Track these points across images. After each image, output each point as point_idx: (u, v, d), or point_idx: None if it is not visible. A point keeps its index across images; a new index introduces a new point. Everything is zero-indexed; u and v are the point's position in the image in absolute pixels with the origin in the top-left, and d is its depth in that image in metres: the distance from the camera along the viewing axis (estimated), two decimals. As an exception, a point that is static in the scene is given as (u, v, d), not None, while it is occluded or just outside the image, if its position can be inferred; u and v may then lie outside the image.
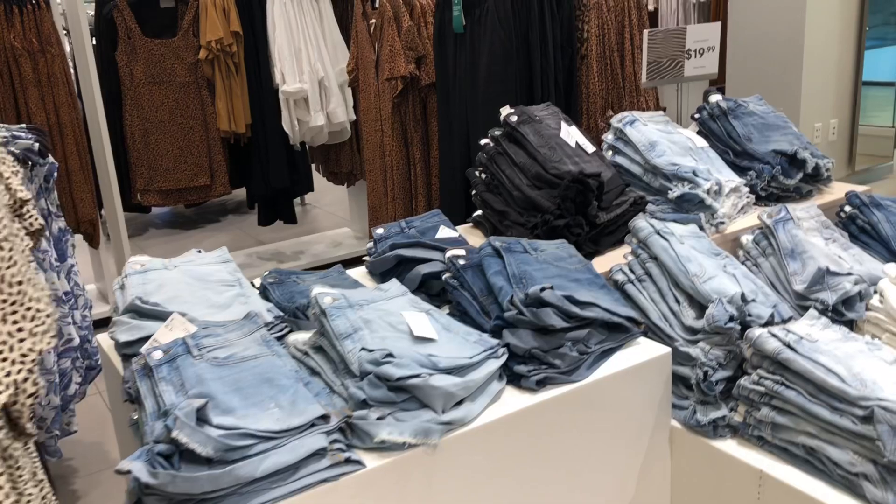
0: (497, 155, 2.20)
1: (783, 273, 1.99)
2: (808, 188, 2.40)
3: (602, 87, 3.09)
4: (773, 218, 2.07)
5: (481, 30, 2.96)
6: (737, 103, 2.53)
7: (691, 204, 2.15)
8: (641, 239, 1.87)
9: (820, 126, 5.11)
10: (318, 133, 4.43)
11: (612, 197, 2.13)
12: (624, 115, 2.36)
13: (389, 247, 1.96)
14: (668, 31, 2.56)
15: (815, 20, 4.83)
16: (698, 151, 2.34)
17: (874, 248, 2.17)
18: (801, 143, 2.46)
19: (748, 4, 5.10)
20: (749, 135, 2.46)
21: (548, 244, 1.86)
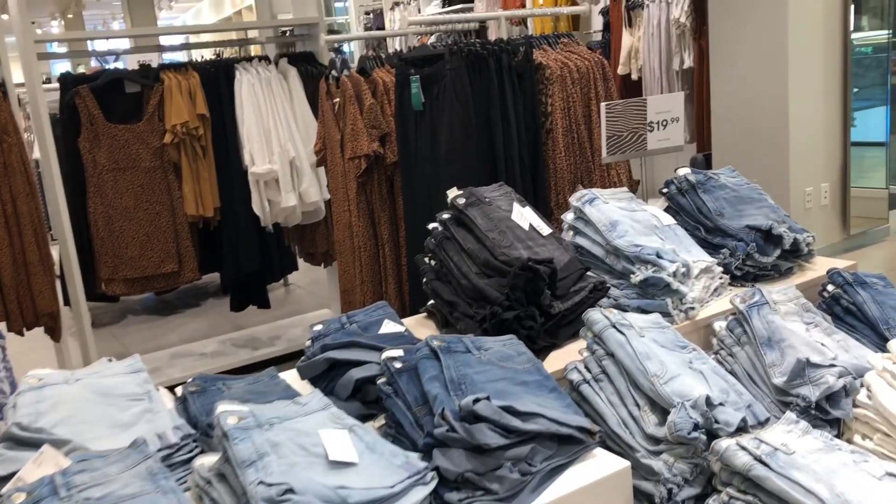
0: (445, 240, 2.03)
1: (760, 364, 1.80)
2: (787, 265, 2.22)
3: (570, 162, 2.95)
4: (746, 303, 1.88)
5: (440, 106, 2.84)
6: (707, 176, 2.37)
7: (656, 288, 1.97)
8: (596, 333, 1.68)
9: (811, 190, 4.96)
10: (291, 214, 4.30)
11: (569, 283, 1.95)
12: (584, 194, 2.20)
13: (320, 348, 1.77)
14: (628, 102, 2.43)
15: (798, 82, 4.73)
16: (664, 230, 2.17)
17: (861, 331, 1.97)
18: (778, 217, 2.29)
19: (730, 69, 5.02)
20: (721, 209, 2.29)
21: (494, 341, 1.67)
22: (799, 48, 4.70)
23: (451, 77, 2.78)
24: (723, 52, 5.07)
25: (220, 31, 5.78)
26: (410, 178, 3.03)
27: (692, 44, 5.78)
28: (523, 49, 2.91)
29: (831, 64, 4.91)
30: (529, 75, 2.88)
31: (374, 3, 11.37)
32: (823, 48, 4.84)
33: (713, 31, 5.12)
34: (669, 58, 5.93)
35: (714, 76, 5.17)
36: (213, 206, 4.17)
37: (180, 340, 5.05)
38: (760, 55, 4.80)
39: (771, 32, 4.71)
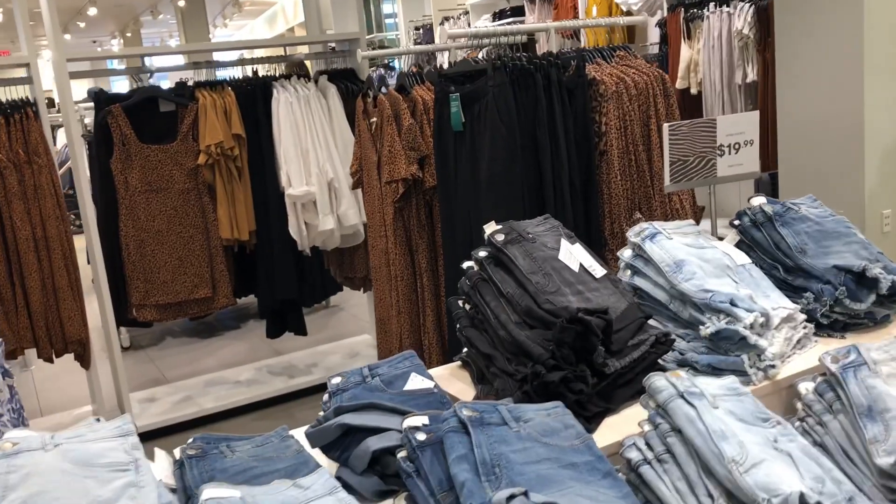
0: (481, 282, 1.77)
1: (859, 439, 1.49)
2: (883, 313, 1.90)
3: (626, 187, 2.66)
4: (839, 363, 1.58)
5: (481, 127, 2.59)
6: (785, 206, 2.07)
7: (730, 342, 1.68)
8: (660, 403, 1.40)
9: (889, 213, 4.56)
10: (329, 237, 4.10)
11: (626, 335, 1.67)
12: (643, 228, 1.92)
13: (333, 411, 1.53)
14: (694, 123, 2.14)
15: (875, 95, 4.35)
16: (738, 270, 1.87)
17: (980, 396, 1.65)
18: (871, 255, 1.97)
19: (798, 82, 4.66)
20: (803, 245, 1.99)
21: (537, 410, 1.41)
22: (876, 57, 4.32)
23: (493, 94, 2.53)
24: (790, 64, 4.72)
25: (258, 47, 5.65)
26: (450, 204, 2.78)
27: (756, 56, 5.43)
28: (574, 63, 2.65)
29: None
30: (581, 92, 2.62)
31: (424, 18, 11.22)
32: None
33: (780, 42, 4.77)
34: (731, 71, 5.58)
35: (780, 90, 4.81)
36: (249, 229, 3.99)
37: (218, 366, 4.89)
38: (832, 66, 4.44)
39: (844, 41, 4.35)
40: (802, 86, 4.65)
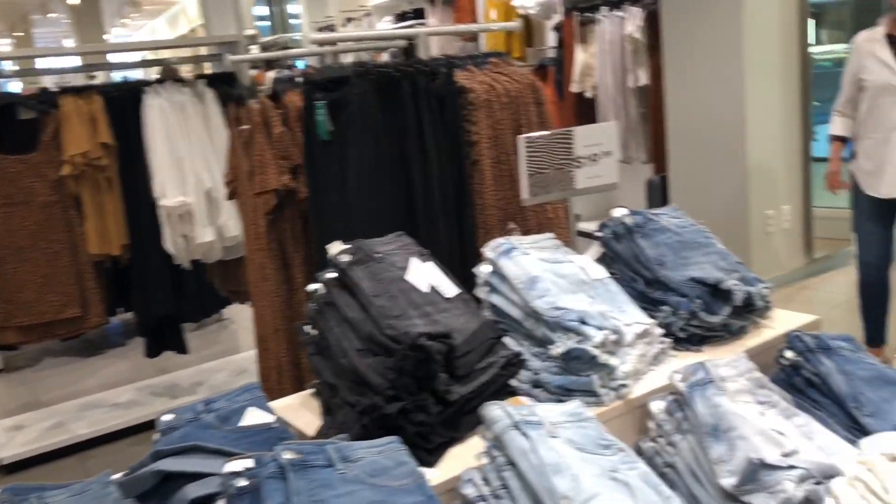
0: (326, 306, 1.67)
1: (706, 459, 1.46)
2: (739, 324, 1.89)
3: (499, 198, 2.60)
4: (687, 381, 1.55)
5: (348, 137, 2.49)
6: (646, 217, 2.04)
7: (581, 362, 1.62)
8: (496, 435, 1.33)
9: (772, 213, 4.68)
10: (210, 249, 3.91)
11: (475, 358, 1.59)
12: (499, 243, 1.86)
13: (150, 456, 1.40)
14: (550, 135, 2.09)
15: (755, 99, 4.46)
16: (594, 285, 1.83)
17: (827, 408, 1.65)
18: (728, 265, 1.96)
19: (685, 86, 4.75)
20: (661, 257, 1.96)
21: (369, 448, 1.32)
22: (755, 64, 4.44)
23: (358, 103, 2.43)
24: (677, 69, 4.80)
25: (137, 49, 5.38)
26: (322, 217, 2.67)
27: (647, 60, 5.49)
28: (445, 71, 2.57)
29: (790, 79, 4.65)
30: (452, 100, 2.54)
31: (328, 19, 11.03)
32: (781, 63, 4.59)
33: (667, 46, 4.86)
34: (624, 75, 5.63)
35: (669, 94, 4.90)
36: (120, 243, 3.76)
37: (98, 387, 4.62)
38: (715, 71, 4.53)
39: (725, 48, 4.45)
40: (689, 90, 4.74)
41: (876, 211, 3.13)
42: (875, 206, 3.11)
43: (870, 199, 3.12)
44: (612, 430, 1.56)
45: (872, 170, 3.09)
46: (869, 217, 3.17)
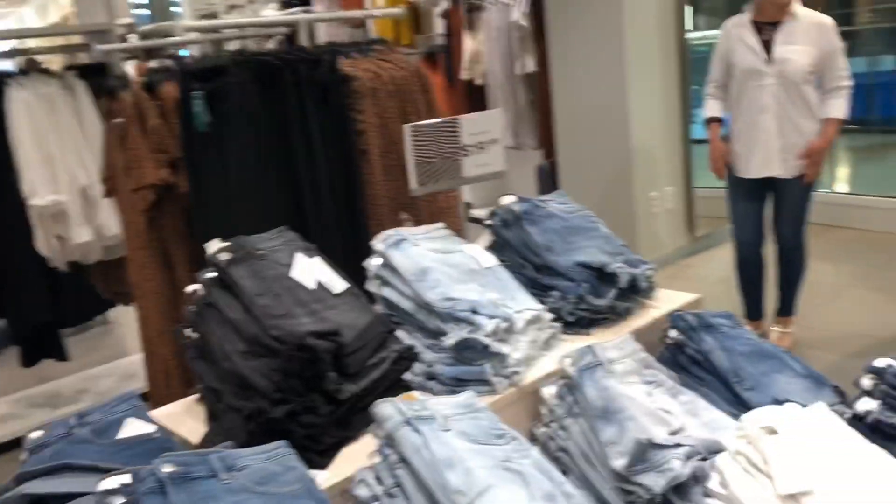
0: (207, 308, 1.59)
1: (597, 442, 1.48)
2: (625, 306, 1.93)
3: (390, 188, 2.57)
4: (577, 365, 1.57)
5: (228, 129, 2.39)
6: (534, 204, 2.05)
7: (473, 352, 1.61)
8: (388, 432, 1.30)
9: (656, 195, 4.84)
10: (88, 250, 3.70)
11: (366, 354, 1.56)
12: (389, 235, 1.83)
13: (14, 479, 1.30)
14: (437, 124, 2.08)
15: (637, 85, 4.59)
16: (485, 273, 1.82)
17: (710, 384, 1.70)
18: (613, 248, 2.00)
19: (570, 73, 4.84)
20: (550, 243, 1.98)
21: (255, 455, 1.26)
22: (636, 50, 4.56)
23: (237, 93, 2.34)
24: (561, 56, 4.89)
25: None
26: (205, 214, 2.56)
27: (533, 47, 5.56)
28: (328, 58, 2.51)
29: (668, 64, 4.80)
30: (336, 89, 2.48)
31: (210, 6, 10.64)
32: (660, 49, 4.73)
33: (551, 34, 4.93)
34: (511, 62, 5.68)
35: (555, 81, 4.98)
36: (-13, 246, 3.51)
37: (-30, 401, 4.31)
38: (598, 58, 4.64)
39: (607, 35, 4.55)
40: (573, 76, 4.83)
41: (748, 191, 3.26)
42: (747, 186, 3.25)
43: (742, 179, 3.25)
44: (506, 418, 1.56)
45: (743, 151, 3.22)
46: (742, 197, 3.30)
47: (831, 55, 3.07)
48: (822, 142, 3.10)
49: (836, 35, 3.10)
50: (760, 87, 3.09)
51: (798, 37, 3.05)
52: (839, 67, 3.08)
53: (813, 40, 3.05)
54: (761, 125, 3.13)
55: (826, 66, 3.08)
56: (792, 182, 3.16)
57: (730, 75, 3.23)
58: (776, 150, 3.13)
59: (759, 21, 3.12)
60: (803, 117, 3.10)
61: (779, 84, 3.06)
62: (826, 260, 4.50)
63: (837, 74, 3.08)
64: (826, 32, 3.07)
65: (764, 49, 3.09)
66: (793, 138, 3.12)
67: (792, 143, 3.13)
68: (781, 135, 3.11)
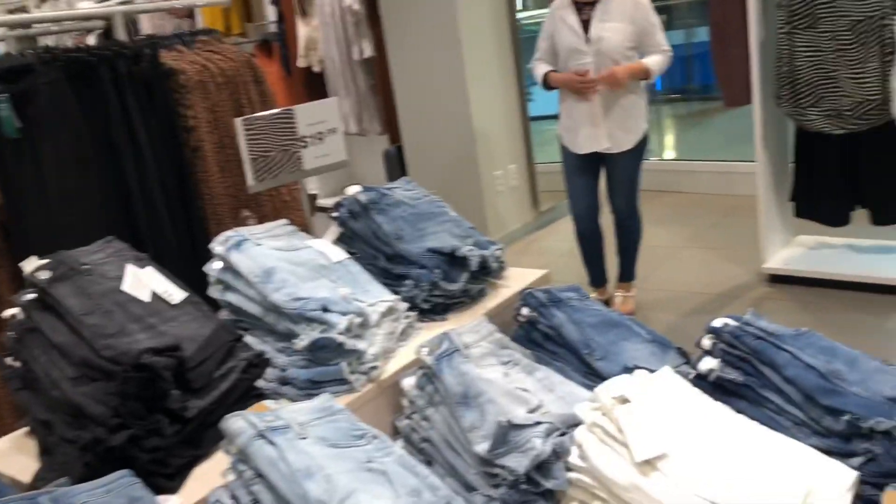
0: (28, 333, 1.45)
1: (459, 429, 1.47)
2: (478, 288, 1.94)
3: (229, 184, 2.44)
4: (434, 353, 1.55)
5: (41, 133, 2.18)
6: (380, 193, 2.02)
7: (328, 351, 1.56)
8: (240, 448, 1.22)
9: (500, 174, 4.93)
10: None
11: (212, 366, 1.47)
12: (228, 236, 1.73)
13: None
14: (270, 115, 1.99)
15: (474, 65, 4.64)
16: (335, 268, 1.77)
17: (564, 357, 1.74)
18: (462, 232, 2.00)
19: (407, 57, 4.83)
20: (399, 232, 1.95)
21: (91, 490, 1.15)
22: (470, 32, 4.61)
23: (47, 94, 2.14)
24: (398, 40, 4.86)
25: None
26: (22, 229, 2.33)
27: (369, 32, 5.50)
28: (149, 52, 2.34)
29: (502, 45, 4.89)
30: (160, 84, 2.32)
31: None
32: (492, 30, 4.80)
33: (386, 18, 4.89)
34: (349, 47, 5.60)
35: (393, 65, 4.95)
36: None
37: None
38: (434, 41, 4.65)
39: (441, 18, 4.57)
40: (411, 59, 4.82)
41: (579, 165, 3.37)
42: (578, 161, 3.35)
43: (573, 154, 3.36)
44: (367, 415, 1.52)
45: (571, 127, 3.32)
46: (575, 172, 3.41)
47: (648, 30, 3.18)
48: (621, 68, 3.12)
49: (652, 10, 3.22)
50: (582, 65, 3.18)
51: (614, 14, 3.14)
52: (658, 42, 3.20)
53: (629, 17, 3.14)
54: (584, 103, 3.23)
55: (645, 42, 3.19)
56: (620, 156, 3.28)
57: (555, 55, 3.30)
58: (602, 127, 3.23)
59: (578, 1, 3.21)
60: (625, 93, 3.22)
61: (598, 62, 3.15)
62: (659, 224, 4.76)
63: (657, 49, 3.20)
64: (641, 8, 3.17)
65: (583, 28, 3.17)
66: (617, 114, 3.22)
67: (616, 120, 3.23)
68: (606, 111, 3.21)
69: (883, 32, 3.01)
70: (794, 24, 3.23)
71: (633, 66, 3.16)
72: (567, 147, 3.38)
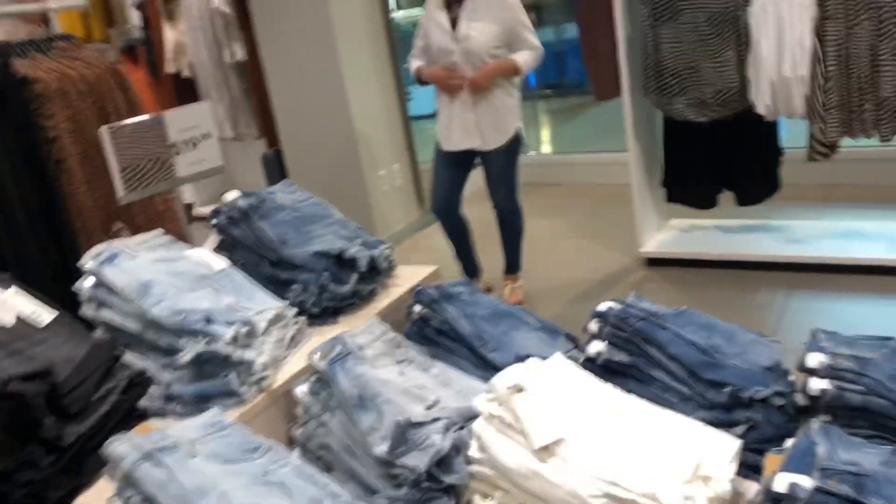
0: None
1: (357, 432, 1.45)
2: (368, 288, 1.92)
3: (98, 196, 2.31)
4: (326, 357, 1.52)
5: None
6: (261, 197, 1.96)
7: (215, 364, 1.50)
8: (125, 473, 1.16)
9: (384, 173, 4.91)
10: None
11: (89, 389, 1.38)
12: (100, 251, 1.64)
13: None
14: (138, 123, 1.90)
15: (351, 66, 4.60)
16: (217, 277, 1.70)
17: (458, 352, 1.74)
18: (349, 233, 1.97)
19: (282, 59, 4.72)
20: (284, 236, 1.90)
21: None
22: (345, 32, 4.56)
23: None
24: (271, 42, 4.76)
25: None
26: None
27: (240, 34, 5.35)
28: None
29: (378, 44, 4.87)
30: (14, 94, 2.17)
31: None
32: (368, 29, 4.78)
33: (257, 19, 4.77)
34: (219, 50, 5.43)
35: (268, 68, 4.83)
36: None
37: None
38: (309, 41, 4.57)
39: (314, 18, 4.50)
40: (286, 62, 4.72)
41: (449, 162, 3.40)
42: (449, 157, 3.38)
43: (445, 151, 3.39)
44: (261, 426, 1.48)
45: (445, 124, 3.35)
46: (442, 167, 3.44)
47: (517, 29, 3.21)
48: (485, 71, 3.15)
49: (521, 10, 3.25)
50: (450, 63, 3.20)
51: (481, 13, 3.15)
52: (527, 40, 3.23)
53: (496, 16, 3.16)
54: (457, 100, 3.26)
55: (514, 41, 3.21)
56: (493, 154, 3.32)
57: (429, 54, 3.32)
58: (472, 124, 3.26)
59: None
60: (496, 92, 3.24)
61: (466, 61, 3.18)
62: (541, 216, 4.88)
63: (527, 48, 3.24)
64: (509, 8, 3.20)
65: (452, 27, 3.20)
66: (487, 112, 3.25)
67: (487, 117, 3.25)
68: (476, 109, 3.24)
69: (738, 24, 3.19)
70: (657, 17, 3.38)
71: (501, 64, 3.19)
72: (440, 143, 3.40)
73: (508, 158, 3.35)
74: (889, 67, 2.94)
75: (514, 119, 3.32)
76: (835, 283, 3.30)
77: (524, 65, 3.22)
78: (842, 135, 3.13)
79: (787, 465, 1.05)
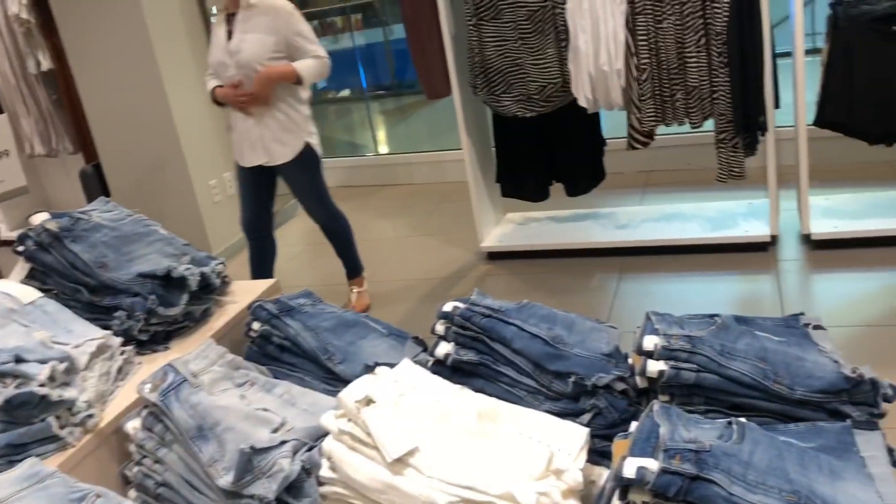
0: None
1: (198, 465, 1.35)
2: (201, 308, 1.80)
3: None
4: (157, 389, 1.40)
5: None
6: (74, 218, 1.79)
7: (30, 408, 1.35)
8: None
9: (215, 182, 4.70)
10: None
11: None
12: None
13: None
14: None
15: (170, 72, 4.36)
16: (27, 310, 1.54)
17: (303, 367, 1.67)
18: (176, 250, 1.85)
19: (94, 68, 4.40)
20: (102, 259, 1.74)
21: None
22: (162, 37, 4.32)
23: None
24: (79, 50, 4.42)
25: None
26: None
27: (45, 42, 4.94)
28: None
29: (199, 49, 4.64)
30: None
31: None
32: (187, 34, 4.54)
33: (63, 26, 4.42)
34: (23, 60, 4.99)
35: (79, 78, 4.49)
36: None
37: None
38: (122, 49, 4.29)
39: (127, 23, 4.22)
40: (99, 71, 4.40)
41: (247, 178, 3.30)
42: (246, 173, 3.29)
43: (241, 167, 3.30)
44: (89, 470, 1.35)
45: (237, 140, 3.26)
46: (242, 183, 3.35)
47: (294, 39, 3.11)
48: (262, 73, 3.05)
49: (298, 19, 3.14)
50: (228, 78, 3.11)
51: (253, 25, 3.06)
52: (309, 50, 3.13)
53: (270, 27, 3.07)
54: (241, 116, 3.18)
55: (292, 52, 3.12)
56: (285, 168, 3.24)
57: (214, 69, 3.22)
58: (258, 139, 3.18)
59: (227, 13, 3.13)
60: (279, 106, 3.15)
61: (241, 74, 3.07)
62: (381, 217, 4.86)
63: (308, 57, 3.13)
64: (283, 17, 3.09)
65: (228, 40, 3.11)
66: (272, 128, 3.16)
67: (271, 133, 3.17)
68: (260, 125, 3.15)
69: (556, 21, 3.30)
70: (480, 15, 3.44)
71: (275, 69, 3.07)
72: (236, 160, 3.33)
73: (305, 172, 3.28)
74: (695, 59, 3.15)
75: (303, 132, 3.23)
76: (660, 264, 3.51)
77: (305, 70, 3.12)
78: (657, 123, 3.32)
79: (633, 450, 1.08)
